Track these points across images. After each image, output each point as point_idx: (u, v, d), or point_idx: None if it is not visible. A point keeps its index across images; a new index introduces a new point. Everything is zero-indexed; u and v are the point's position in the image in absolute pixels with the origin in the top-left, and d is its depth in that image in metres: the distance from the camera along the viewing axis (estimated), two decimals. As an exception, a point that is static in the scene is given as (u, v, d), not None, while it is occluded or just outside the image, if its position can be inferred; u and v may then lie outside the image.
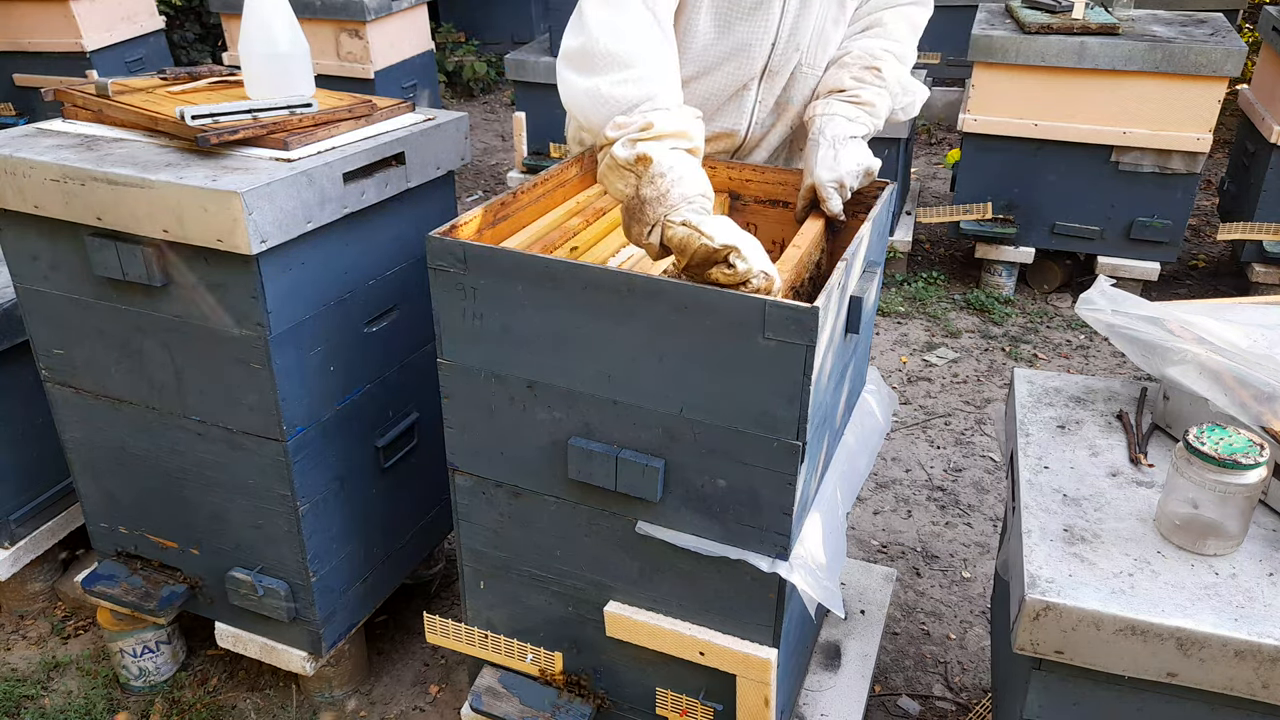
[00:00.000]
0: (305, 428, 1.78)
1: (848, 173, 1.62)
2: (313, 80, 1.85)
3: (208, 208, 1.54)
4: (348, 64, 4.73)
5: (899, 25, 1.76)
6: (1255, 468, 1.20)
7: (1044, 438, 1.51)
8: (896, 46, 1.74)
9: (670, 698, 1.66)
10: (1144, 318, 1.48)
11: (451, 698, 2.19)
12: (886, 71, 1.71)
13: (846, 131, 1.65)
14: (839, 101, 1.69)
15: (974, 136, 3.85)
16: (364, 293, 1.86)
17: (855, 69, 1.71)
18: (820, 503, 1.57)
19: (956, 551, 2.66)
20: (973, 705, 2.17)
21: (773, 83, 1.75)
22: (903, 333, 3.86)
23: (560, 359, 1.43)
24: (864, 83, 1.70)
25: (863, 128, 1.68)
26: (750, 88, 1.75)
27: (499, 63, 6.98)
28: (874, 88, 1.70)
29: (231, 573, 1.94)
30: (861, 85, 1.69)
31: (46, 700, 2.18)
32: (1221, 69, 3.44)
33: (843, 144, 1.64)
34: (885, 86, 1.71)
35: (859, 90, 1.69)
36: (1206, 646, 1.15)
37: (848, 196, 1.64)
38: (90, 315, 1.81)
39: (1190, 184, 3.69)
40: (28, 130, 1.81)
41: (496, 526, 1.65)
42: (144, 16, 4.99)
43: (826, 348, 1.35)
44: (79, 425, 1.97)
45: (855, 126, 1.67)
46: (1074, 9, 3.67)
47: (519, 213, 1.64)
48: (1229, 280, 4.24)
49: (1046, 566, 1.24)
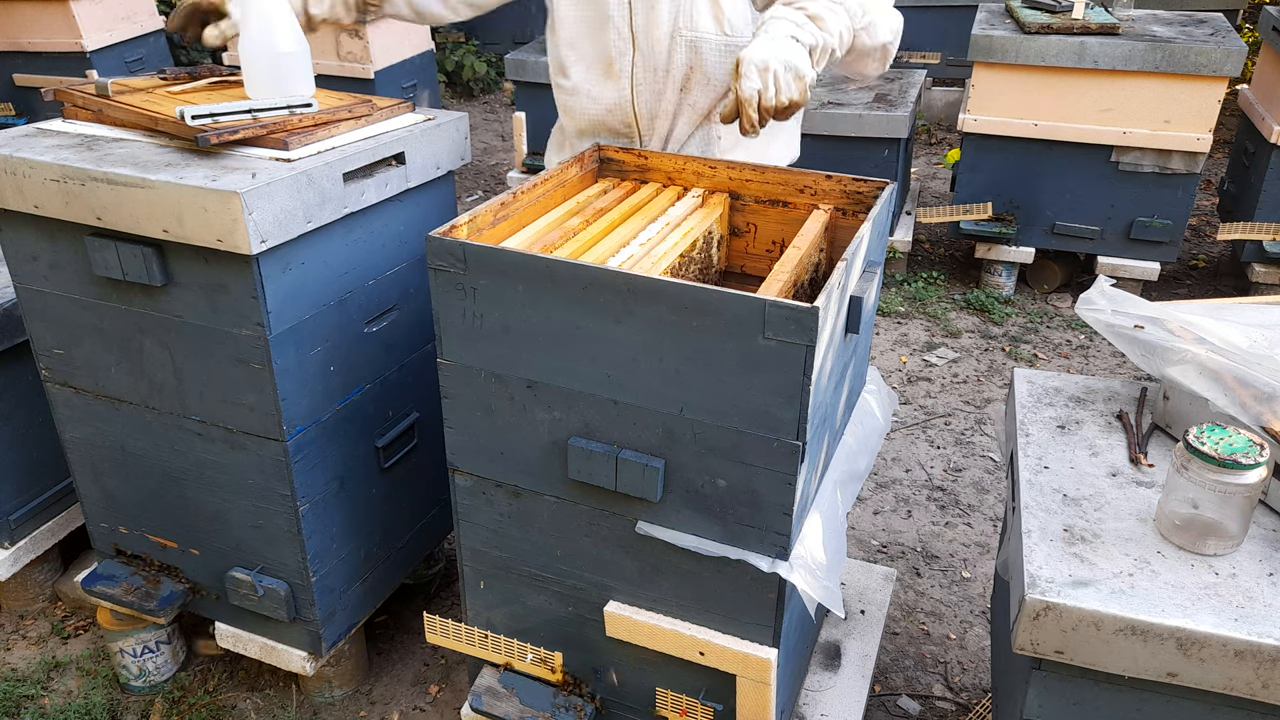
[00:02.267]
0: (305, 428, 1.78)
1: (777, 60, 1.50)
2: (313, 80, 1.85)
3: (208, 208, 1.54)
4: (348, 64, 4.73)
5: None
6: (1255, 468, 1.20)
7: (1044, 438, 1.51)
8: None
9: (670, 698, 1.67)
10: (1144, 318, 1.48)
11: (451, 698, 2.19)
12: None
13: (788, 33, 1.55)
14: (789, 9, 1.60)
15: (974, 136, 3.85)
16: (364, 293, 1.86)
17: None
18: (820, 503, 1.57)
19: (956, 551, 2.66)
20: (973, 705, 2.17)
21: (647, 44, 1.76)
22: (903, 333, 3.86)
23: (560, 359, 1.43)
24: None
25: (809, 36, 1.57)
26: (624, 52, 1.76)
27: (499, 63, 6.98)
28: (826, 3, 1.60)
29: (231, 573, 1.94)
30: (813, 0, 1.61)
31: (46, 700, 2.18)
32: (1221, 69, 3.44)
33: (782, 39, 1.53)
34: (841, 3, 1.62)
35: (807, 4, 1.60)
36: (1206, 646, 1.15)
37: (771, 93, 1.51)
38: (90, 315, 1.81)
39: (1190, 184, 3.69)
40: (28, 130, 1.81)
41: (496, 526, 1.65)
42: (144, 16, 4.99)
43: (826, 348, 1.35)
44: (79, 425, 1.97)
45: (801, 32, 1.56)
46: (1074, 9, 3.67)
47: (519, 213, 1.64)
48: (1229, 280, 4.24)
49: (1046, 566, 1.24)
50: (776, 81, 1.51)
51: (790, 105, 1.54)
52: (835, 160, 3.90)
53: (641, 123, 1.87)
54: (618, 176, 1.88)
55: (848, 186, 1.73)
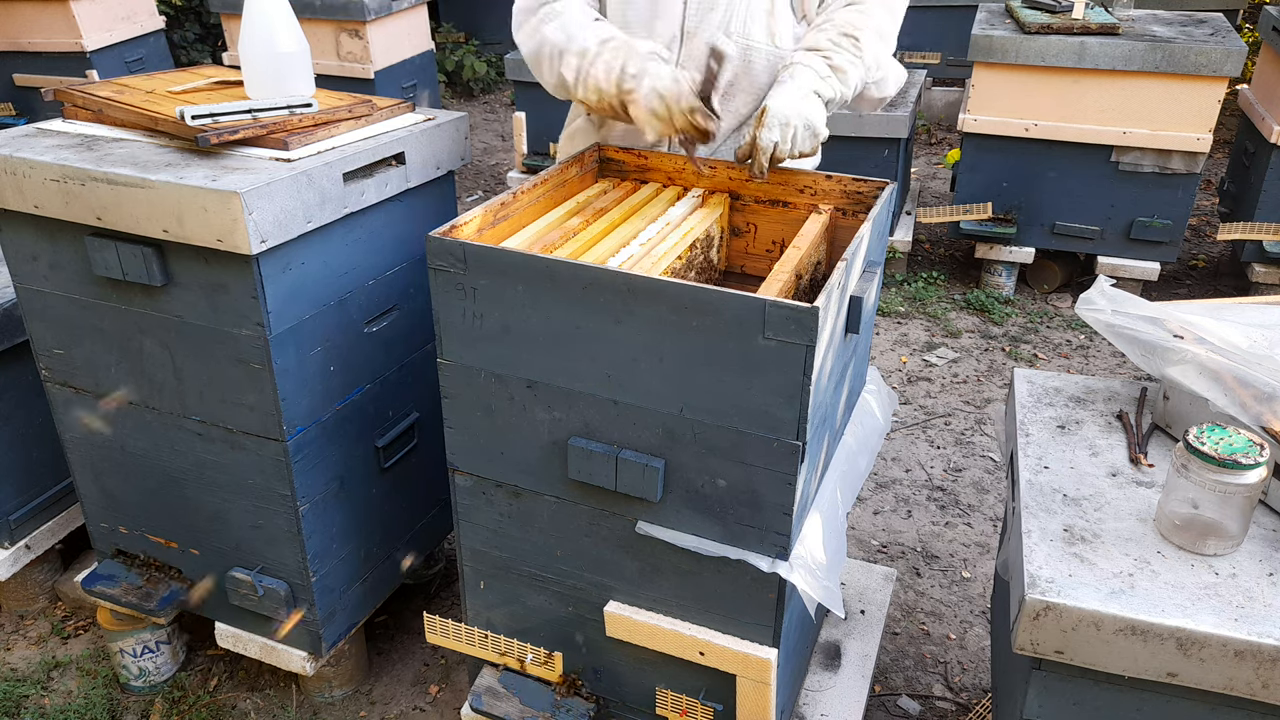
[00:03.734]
0: (305, 428, 1.78)
1: (799, 120, 1.61)
2: (313, 80, 1.85)
3: (208, 208, 1.54)
4: (348, 64, 4.73)
5: (877, 8, 1.74)
6: (1255, 468, 1.20)
7: (1044, 438, 1.51)
8: (876, 23, 1.73)
9: (670, 698, 1.66)
10: (1144, 318, 1.48)
11: (451, 698, 2.19)
12: (864, 43, 1.70)
13: (813, 87, 1.65)
14: (815, 56, 1.68)
15: (974, 136, 3.85)
16: (364, 293, 1.86)
17: (833, 33, 1.70)
18: (820, 503, 1.57)
19: (956, 551, 2.66)
20: (973, 705, 2.17)
21: (692, 48, 1.76)
22: (903, 333, 3.86)
23: (560, 359, 1.43)
24: (840, 48, 1.69)
25: (830, 90, 1.67)
26: (670, 51, 1.76)
27: (499, 63, 6.98)
28: (849, 54, 1.69)
29: (231, 573, 1.94)
30: (837, 50, 1.69)
31: (46, 700, 2.18)
32: (1221, 69, 3.44)
33: (806, 93, 1.64)
34: (861, 57, 1.70)
35: (833, 54, 1.68)
36: (1206, 646, 1.15)
37: (787, 145, 1.62)
38: (90, 315, 1.81)
39: (1190, 184, 3.69)
40: (28, 130, 1.81)
41: (496, 526, 1.65)
42: (144, 16, 4.99)
43: (826, 348, 1.35)
44: (79, 425, 1.97)
45: (824, 86, 1.66)
46: (1074, 9, 3.67)
47: (519, 213, 1.64)
48: (1229, 280, 4.24)
49: (1046, 566, 1.24)
50: (795, 137, 1.62)
51: (800, 156, 1.65)
52: (835, 160, 3.88)
53: None
54: (618, 176, 1.88)
55: (848, 186, 1.73)
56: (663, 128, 1.61)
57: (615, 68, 1.63)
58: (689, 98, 1.57)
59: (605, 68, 1.64)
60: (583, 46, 1.67)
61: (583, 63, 1.67)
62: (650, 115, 1.60)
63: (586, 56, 1.66)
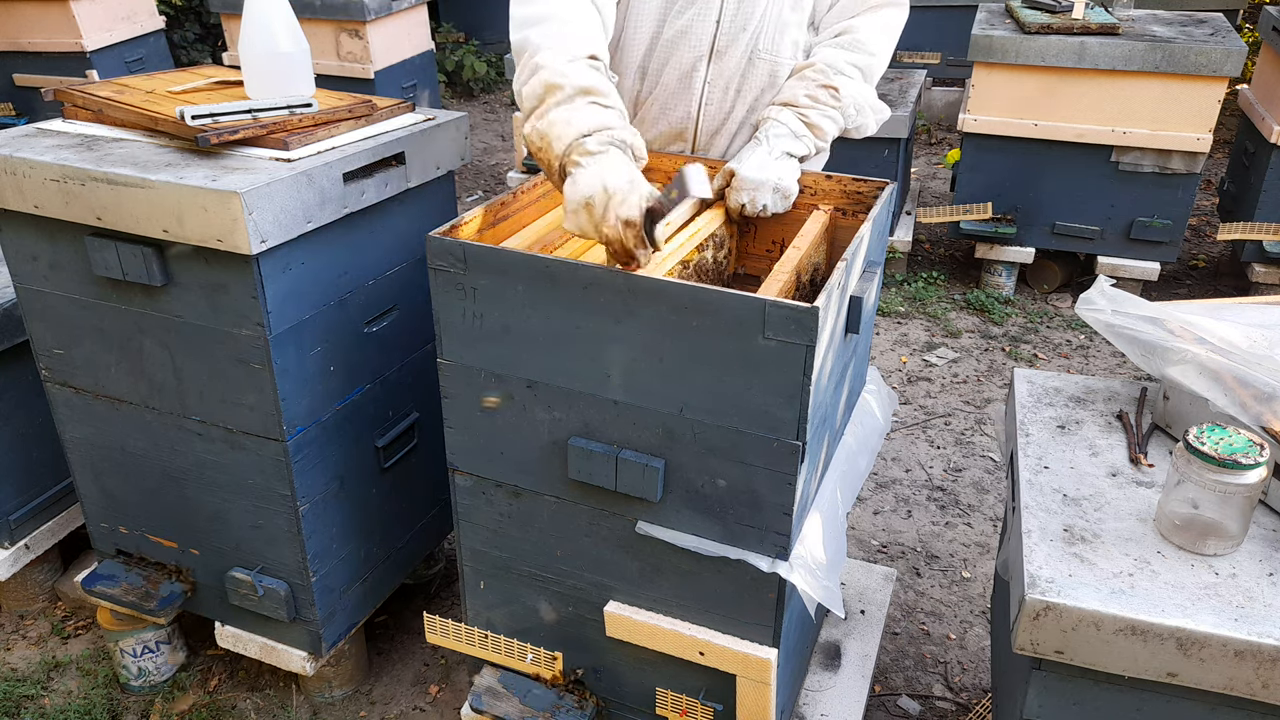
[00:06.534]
0: (305, 428, 1.78)
1: (769, 185, 1.66)
2: (313, 80, 1.85)
3: (208, 208, 1.54)
4: (348, 64, 4.73)
5: (872, 33, 1.75)
6: (1255, 468, 1.20)
7: (1044, 438, 1.51)
8: (864, 60, 1.73)
9: (670, 698, 1.66)
10: (1144, 318, 1.48)
11: (451, 698, 2.19)
12: (843, 92, 1.71)
13: (785, 148, 1.69)
14: (791, 113, 1.71)
15: (974, 136, 3.85)
16: (364, 293, 1.86)
17: (812, 86, 1.71)
18: (820, 503, 1.57)
19: (956, 551, 2.66)
20: (973, 705, 2.17)
21: (722, 65, 1.75)
22: (903, 333, 3.86)
23: (560, 359, 1.43)
24: (817, 103, 1.70)
25: (803, 149, 1.70)
26: (699, 69, 1.75)
27: (499, 63, 6.98)
28: (826, 110, 1.70)
29: (231, 573, 1.94)
30: (814, 106, 1.70)
31: (46, 700, 2.18)
32: (1221, 69, 3.44)
33: (779, 157, 1.68)
34: (839, 108, 1.71)
35: (809, 111, 1.70)
36: (1206, 646, 1.15)
37: (757, 208, 1.67)
38: (90, 315, 1.81)
39: (1190, 184, 3.69)
40: (28, 130, 1.81)
41: (496, 526, 1.65)
42: (144, 16, 4.99)
43: (826, 348, 1.35)
44: (79, 425, 1.97)
45: (797, 145, 1.70)
46: (1074, 9, 3.67)
47: (519, 213, 1.64)
48: (1229, 280, 4.24)
49: (1046, 566, 1.24)
50: (763, 200, 1.68)
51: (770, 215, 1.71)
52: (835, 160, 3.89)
53: (700, 139, 1.85)
54: (618, 176, 1.88)
55: (848, 186, 1.73)
56: (587, 225, 1.38)
57: (582, 127, 1.40)
58: (633, 209, 1.35)
59: (568, 121, 1.41)
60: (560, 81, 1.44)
61: (549, 99, 1.44)
62: (583, 204, 1.37)
63: (558, 94, 1.44)
